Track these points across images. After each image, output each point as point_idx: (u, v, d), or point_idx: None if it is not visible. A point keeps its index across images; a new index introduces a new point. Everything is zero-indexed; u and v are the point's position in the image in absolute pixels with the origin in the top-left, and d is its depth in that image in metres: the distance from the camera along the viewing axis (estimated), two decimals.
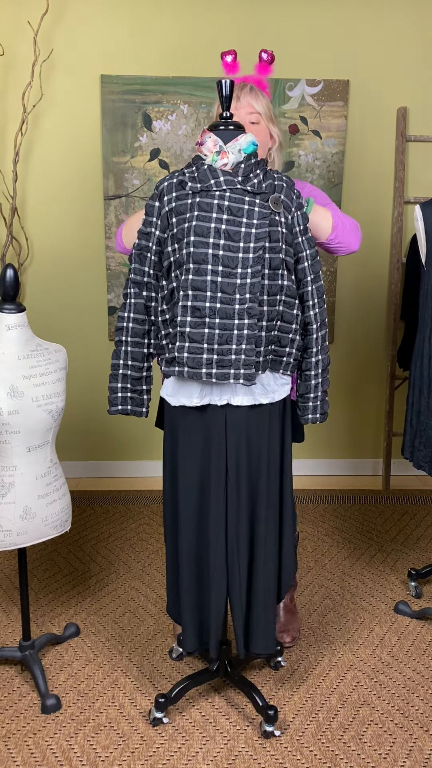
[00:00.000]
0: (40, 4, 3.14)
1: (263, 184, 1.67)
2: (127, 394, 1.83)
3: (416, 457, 2.28)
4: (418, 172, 3.41)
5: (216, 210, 1.63)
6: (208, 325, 1.64)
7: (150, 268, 1.75)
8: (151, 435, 3.66)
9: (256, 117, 2.00)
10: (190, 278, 1.64)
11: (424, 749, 1.86)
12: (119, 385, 1.82)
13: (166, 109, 3.24)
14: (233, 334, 1.65)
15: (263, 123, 2.01)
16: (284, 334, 1.75)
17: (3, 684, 2.10)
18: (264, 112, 2.01)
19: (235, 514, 1.79)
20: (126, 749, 1.86)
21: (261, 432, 1.78)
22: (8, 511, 1.88)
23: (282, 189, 1.70)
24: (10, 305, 1.88)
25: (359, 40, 3.26)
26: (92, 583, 2.65)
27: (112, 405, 1.84)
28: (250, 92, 1.99)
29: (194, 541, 1.83)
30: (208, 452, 1.78)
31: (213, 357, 1.65)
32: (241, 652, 1.87)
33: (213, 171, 1.66)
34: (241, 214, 1.63)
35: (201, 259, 1.63)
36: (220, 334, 1.65)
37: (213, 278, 1.63)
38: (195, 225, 1.63)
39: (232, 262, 1.63)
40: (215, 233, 1.63)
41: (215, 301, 1.64)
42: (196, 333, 1.65)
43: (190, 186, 1.66)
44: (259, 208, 1.64)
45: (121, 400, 1.84)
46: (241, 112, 1.99)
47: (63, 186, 3.34)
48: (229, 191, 1.65)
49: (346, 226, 1.91)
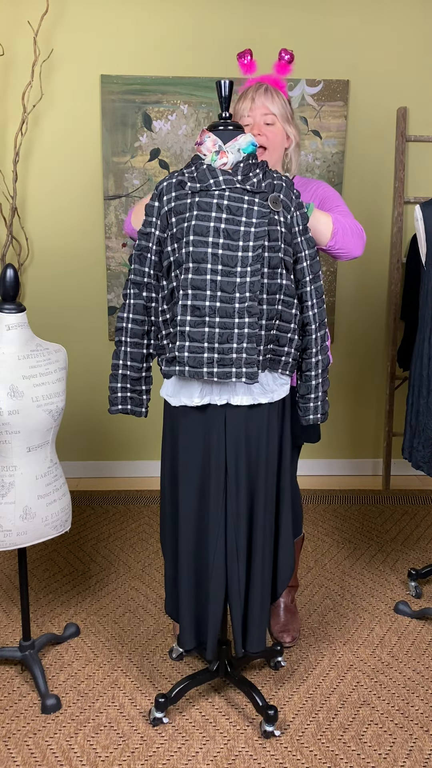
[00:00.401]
0: (40, 4, 3.14)
1: (262, 183, 1.68)
2: (127, 394, 1.84)
3: (415, 458, 2.28)
4: (418, 172, 3.41)
5: (215, 209, 1.64)
6: (208, 324, 1.65)
7: (150, 269, 1.75)
8: (151, 435, 3.66)
9: (271, 118, 1.98)
10: (189, 277, 1.64)
11: (424, 749, 1.86)
12: (119, 385, 1.83)
13: (166, 109, 3.24)
14: (233, 333, 1.65)
15: (279, 124, 2.00)
16: (283, 334, 1.75)
17: (3, 684, 2.10)
18: (279, 113, 1.99)
19: (234, 514, 1.79)
20: (126, 749, 1.86)
21: (260, 431, 1.78)
22: (8, 511, 1.88)
23: (281, 189, 1.70)
24: (10, 305, 1.88)
25: (359, 40, 3.26)
26: (92, 583, 2.65)
27: (112, 404, 1.85)
28: (264, 93, 1.98)
29: (193, 540, 1.83)
30: (207, 452, 1.78)
31: (214, 356, 1.66)
32: (239, 651, 1.87)
33: (212, 170, 1.67)
34: (241, 213, 1.64)
35: (200, 258, 1.63)
36: (220, 333, 1.65)
37: (213, 277, 1.63)
38: (194, 224, 1.63)
39: (232, 261, 1.63)
40: (214, 232, 1.63)
41: (215, 300, 1.64)
42: (196, 332, 1.65)
43: (190, 186, 1.66)
44: (259, 207, 1.64)
45: (121, 400, 1.84)
46: (256, 113, 1.98)
47: (63, 186, 3.34)
48: (229, 190, 1.65)
49: (347, 231, 1.89)
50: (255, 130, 1.98)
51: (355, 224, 1.93)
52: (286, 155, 2.08)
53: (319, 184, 2.10)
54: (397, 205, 3.38)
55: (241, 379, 1.67)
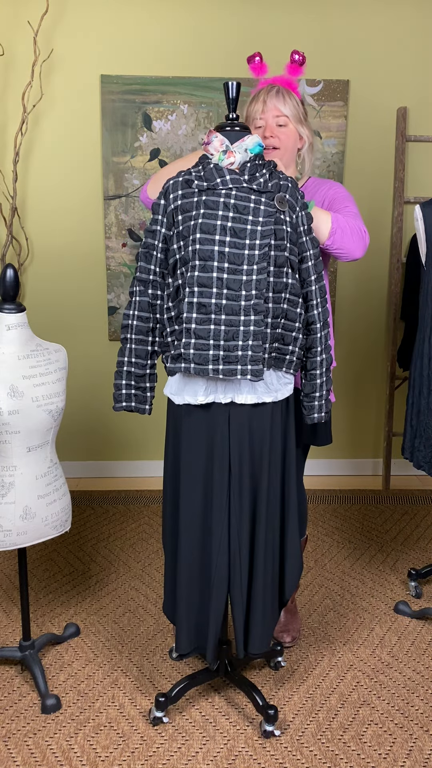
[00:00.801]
0: (40, 4, 3.14)
1: (269, 183, 1.69)
2: (132, 391, 1.84)
3: (416, 457, 2.28)
4: (418, 172, 3.41)
5: (222, 207, 1.65)
6: (214, 321, 1.66)
7: (156, 266, 1.77)
8: (152, 435, 3.66)
9: (284, 120, 1.98)
10: (196, 275, 1.65)
11: (424, 749, 1.86)
12: (123, 382, 1.84)
13: (166, 109, 3.24)
14: (239, 331, 1.66)
15: (291, 125, 2.00)
16: (288, 333, 1.75)
17: (3, 684, 2.10)
18: (292, 114, 1.99)
19: (237, 513, 1.79)
20: (126, 749, 1.86)
21: (264, 430, 1.79)
22: (8, 511, 1.88)
23: (287, 189, 1.72)
24: (10, 305, 1.88)
25: (359, 40, 3.26)
26: (92, 583, 2.65)
27: (116, 401, 1.85)
28: (276, 95, 1.98)
29: (196, 541, 1.82)
30: (211, 450, 1.78)
31: (219, 353, 1.67)
32: (240, 652, 1.87)
33: (219, 170, 1.68)
34: (247, 211, 1.65)
35: (207, 256, 1.64)
36: (226, 330, 1.66)
37: (219, 275, 1.64)
38: (201, 222, 1.64)
39: (238, 259, 1.64)
40: (221, 230, 1.64)
41: (221, 297, 1.65)
42: (202, 329, 1.66)
43: (197, 184, 1.68)
44: (265, 206, 1.65)
45: (126, 397, 1.85)
46: (268, 116, 1.98)
47: (63, 186, 3.34)
48: (235, 189, 1.66)
49: (347, 231, 1.88)
50: (267, 132, 1.98)
51: (358, 226, 1.91)
52: (299, 155, 2.08)
53: (332, 184, 2.10)
54: (397, 205, 3.38)
55: (246, 377, 1.68)
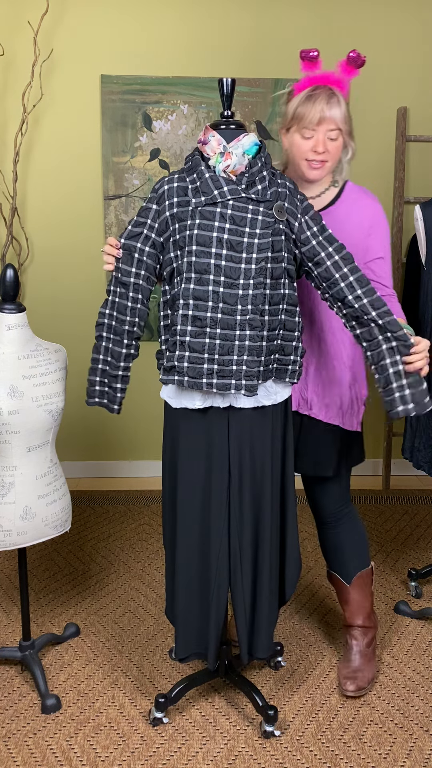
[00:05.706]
0: (40, 4, 3.14)
1: (268, 191, 1.65)
2: (104, 388, 1.81)
3: (416, 458, 2.28)
4: (418, 172, 3.41)
5: (218, 219, 1.62)
6: (209, 335, 1.63)
7: (137, 269, 1.72)
8: (152, 435, 3.65)
9: (336, 134, 1.80)
10: (191, 287, 1.63)
11: (424, 749, 1.86)
12: (97, 378, 1.81)
13: (166, 109, 3.24)
14: (234, 345, 1.64)
15: (341, 138, 1.82)
16: (288, 343, 1.73)
17: (3, 684, 2.10)
18: (344, 128, 1.81)
19: (238, 518, 1.78)
20: (126, 749, 1.86)
21: (264, 433, 1.77)
22: (8, 511, 1.88)
23: (285, 196, 1.68)
24: (10, 305, 1.88)
25: (359, 40, 3.26)
26: (92, 583, 2.65)
27: (89, 397, 1.83)
28: (337, 105, 1.78)
29: (195, 546, 1.81)
30: (210, 454, 1.76)
31: (214, 367, 1.64)
32: (245, 658, 1.86)
33: (216, 180, 1.63)
34: (244, 223, 1.61)
35: (203, 269, 1.62)
36: (221, 344, 1.64)
37: (215, 288, 1.62)
38: (197, 234, 1.61)
39: (235, 273, 1.62)
40: (218, 243, 1.61)
41: (216, 311, 1.63)
42: (196, 343, 1.64)
43: (195, 202, 1.63)
44: (263, 217, 1.62)
45: (98, 394, 1.82)
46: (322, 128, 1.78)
47: (63, 186, 3.34)
48: (233, 200, 1.62)
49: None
50: (320, 147, 1.79)
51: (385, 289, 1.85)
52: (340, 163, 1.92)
53: (375, 207, 1.91)
54: (397, 205, 3.38)
55: (240, 392, 1.66)
